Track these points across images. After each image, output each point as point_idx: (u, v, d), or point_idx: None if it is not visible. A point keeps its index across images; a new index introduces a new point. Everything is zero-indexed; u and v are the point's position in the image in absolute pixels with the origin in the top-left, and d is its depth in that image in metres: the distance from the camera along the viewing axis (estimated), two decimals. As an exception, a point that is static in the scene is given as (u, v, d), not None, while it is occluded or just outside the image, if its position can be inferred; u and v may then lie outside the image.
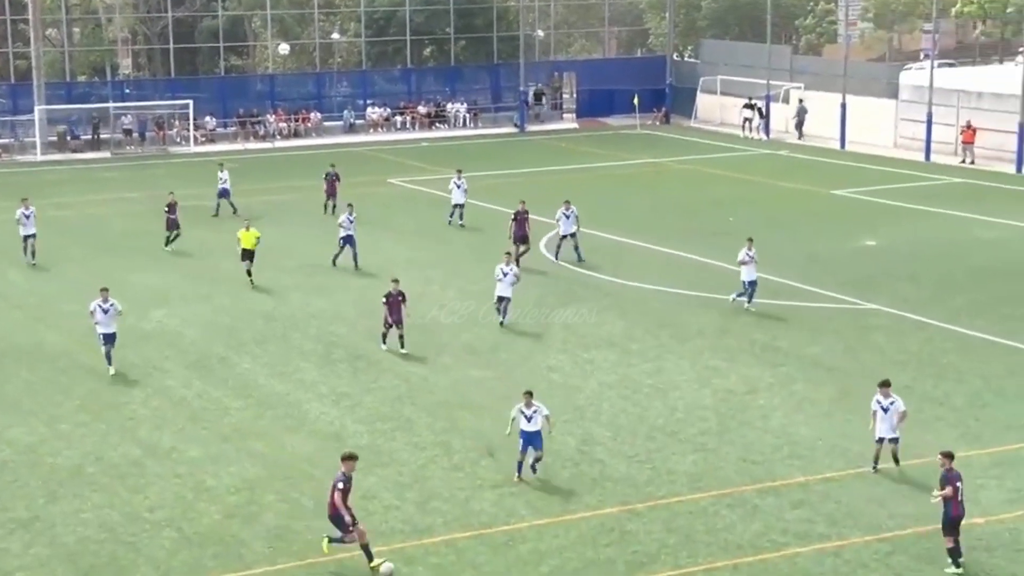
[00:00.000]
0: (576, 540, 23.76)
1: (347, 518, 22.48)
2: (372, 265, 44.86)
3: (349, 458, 23.07)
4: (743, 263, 38.50)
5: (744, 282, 38.61)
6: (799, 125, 79.06)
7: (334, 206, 54.90)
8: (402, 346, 35.05)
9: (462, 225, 52.36)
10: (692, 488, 25.93)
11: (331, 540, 22.93)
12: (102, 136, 78.04)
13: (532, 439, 26.26)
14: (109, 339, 33.70)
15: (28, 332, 37.42)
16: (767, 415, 30.00)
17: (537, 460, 26.45)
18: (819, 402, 30.88)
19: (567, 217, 45.58)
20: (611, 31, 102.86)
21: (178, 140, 78.89)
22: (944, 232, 50.43)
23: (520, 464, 26.41)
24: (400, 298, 35.10)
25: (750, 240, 38.72)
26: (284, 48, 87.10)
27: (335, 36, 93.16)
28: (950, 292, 40.79)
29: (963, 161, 67.45)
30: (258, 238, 42.79)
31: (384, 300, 35.29)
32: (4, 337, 36.82)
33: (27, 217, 46.28)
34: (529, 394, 26.51)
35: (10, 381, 32.97)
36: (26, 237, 46.28)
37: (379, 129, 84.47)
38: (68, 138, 77.47)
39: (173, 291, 42.25)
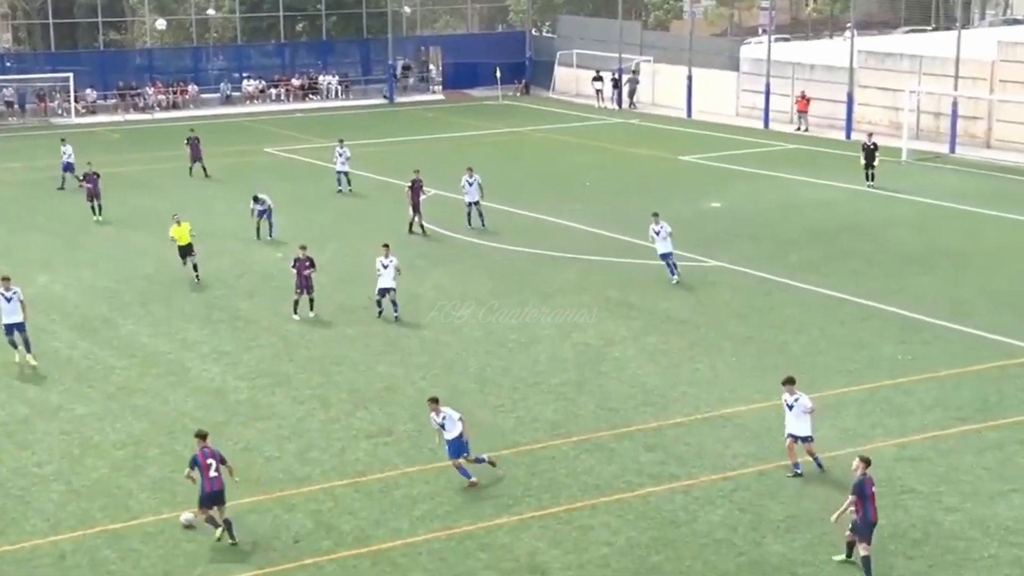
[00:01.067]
0: (446, 486, 23.77)
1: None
2: (248, 230, 44.23)
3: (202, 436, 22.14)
4: (655, 238, 37.09)
5: (660, 255, 37.21)
6: (631, 93, 79.72)
7: (203, 168, 54.78)
8: (311, 310, 34.62)
9: (351, 190, 52.03)
10: (553, 435, 26.09)
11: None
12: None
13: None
14: (14, 329, 30.70)
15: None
16: (622, 366, 30.26)
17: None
18: (670, 353, 31.21)
19: (470, 185, 44.60)
20: (473, 7, 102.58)
21: (59, 112, 77.20)
22: (781, 194, 51.21)
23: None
24: (308, 264, 34.56)
25: (656, 215, 37.63)
26: (161, 23, 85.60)
27: (211, 12, 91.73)
28: (787, 250, 41.45)
29: (798, 129, 68.48)
30: (191, 231, 38.47)
31: (292, 265, 34.78)
32: None
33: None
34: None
35: None
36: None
37: (255, 101, 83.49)
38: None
39: (56, 257, 41.41)
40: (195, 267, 38.12)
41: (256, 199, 43.64)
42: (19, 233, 44.94)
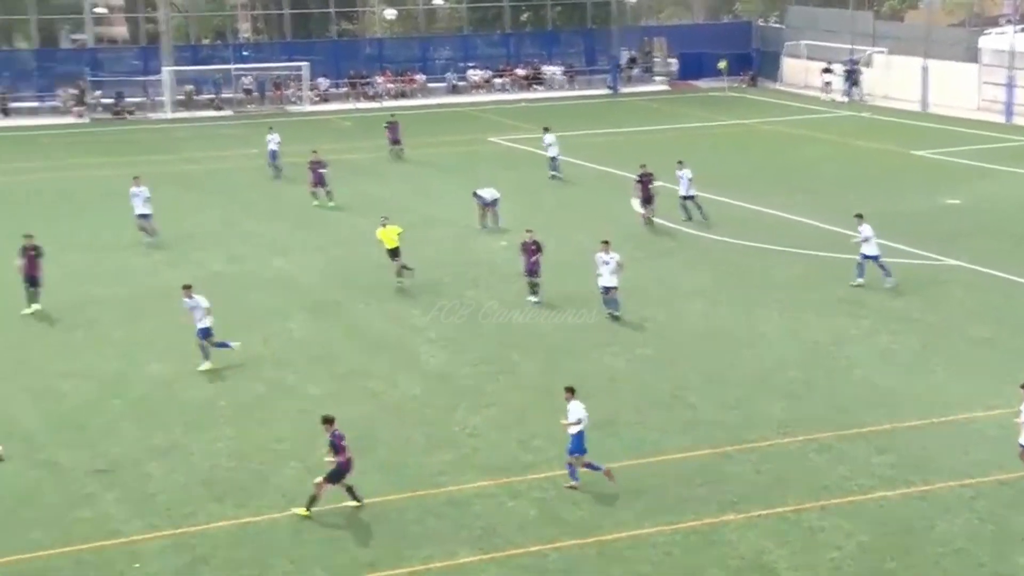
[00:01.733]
0: (670, 479, 23.73)
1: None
2: (474, 220, 44.85)
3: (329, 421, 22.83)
4: (865, 240, 35.73)
5: (864, 256, 35.83)
6: (854, 84, 77.92)
7: (400, 151, 56.95)
8: (534, 294, 34.97)
9: (559, 177, 52.35)
10: (780, 433, 25.76)
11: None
12: (224, 96, 78.70)
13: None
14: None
15: (162, 276, 37.88)
16: (852, 365, 29.70)
17: None
18: (902, 353, 30.53)
19: (681, 179, 44.30)
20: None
21: (294, 100, 79.48)
22: None
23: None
24: (535, 247, 34.97)
25: (859, 216, 36.43)
26: (391, 13, 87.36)
27: (438, 2, 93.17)
28: (1028, 249, 40.10)
29: (1044, 124, 66.13)
30: (400, 233, 37.37)
31: (522, 249, 35.19)
32: (142, 281, 37.42)
33: (137, 196, 42.00)
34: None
35: (148, 321, 33.52)
36: (140, 216, 42.19)
37: (480, 90, 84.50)
38: (195, 97, 78.23)
39: (291, 241, 42.64)
40: (401, 270, 36.85)
41: (476, 195, 44.13)
42: (256, 218, 46.44)
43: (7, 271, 35.28)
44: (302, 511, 22.10)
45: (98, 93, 75.63)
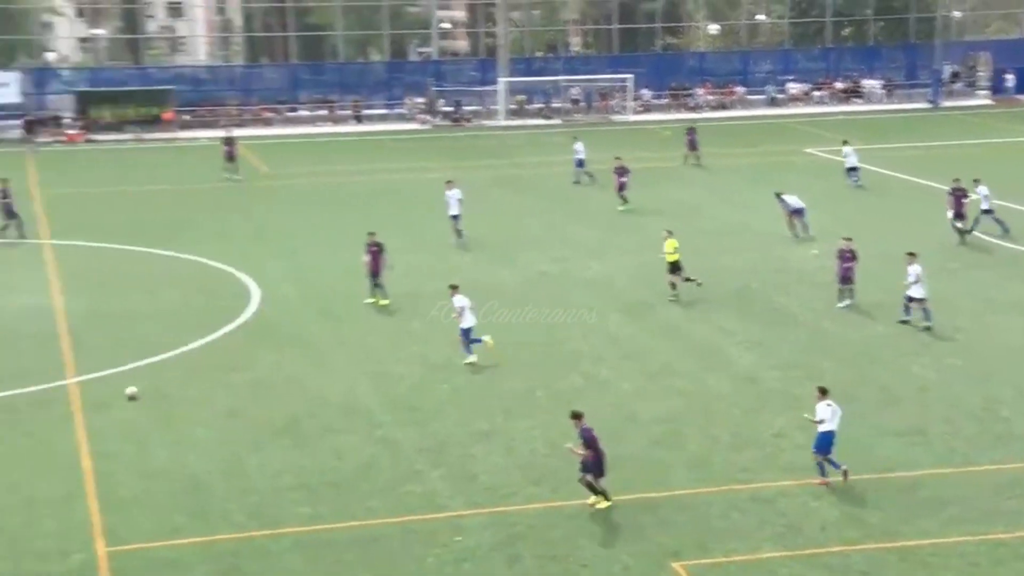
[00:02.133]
0: (978, 491, 22.83)
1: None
2: (785, 227, 44.24)
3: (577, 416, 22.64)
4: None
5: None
6: None
7: (697, 158, 56.48)
8: (844, 299, 34.48)
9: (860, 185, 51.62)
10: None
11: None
12: (553, 105, 80.00)
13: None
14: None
15: (486, 272, 38.84)
16: None
17: None
18: None
19: (980, 195, 42.64)
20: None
21: (618, 109, 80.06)
22: None
23: None
24: (849, 255, 34.20)
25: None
26: (715, 28, 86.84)
27: (761, 17, 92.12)
28: None
29: None
30: (676, 247, 36.14)
31: (837, 255, 34.64)
32: (474, 278, 38.26)
33: (451, 199, 42.49)
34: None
35: (479, 316, 34.32)
36: (452, 218, 42.63)
37: (798, 103, 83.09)
38: (526, 106, 79.88)
39: (606, 245, 42.98)
40: (680, 282, 35.80)
41: (780, 199, 43.47)
42: (579, 220, 47.03)
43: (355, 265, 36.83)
44: (598, 502, 22.20)
45: (440, 101, 78.16)
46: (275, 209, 49.52)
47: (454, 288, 31.01)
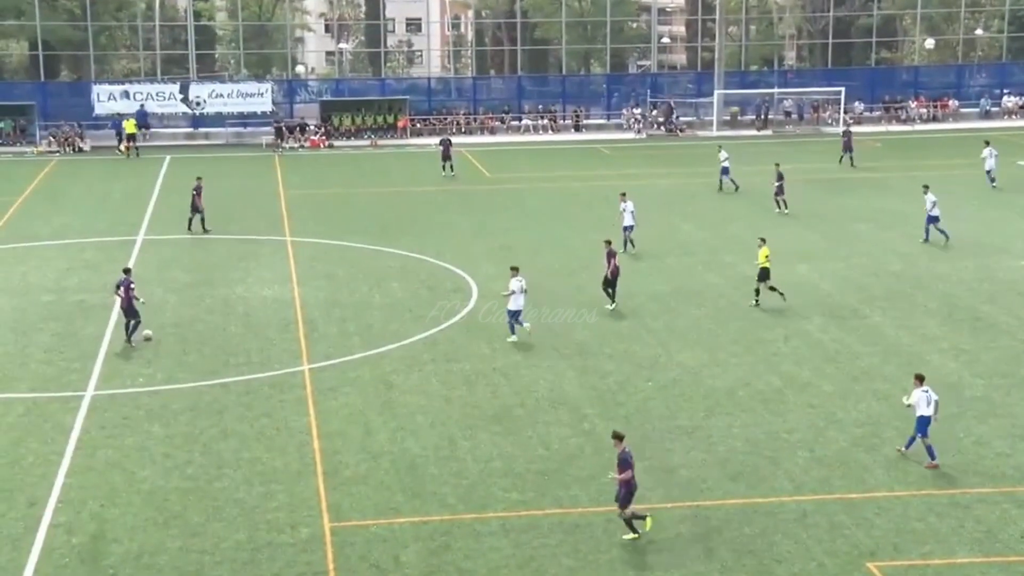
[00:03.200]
0: None
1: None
2: (995, 237, 42.54)
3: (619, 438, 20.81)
4: None
5: None
6: None
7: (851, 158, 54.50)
8: None
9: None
10: None
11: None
12: (767, 117, 78.58)
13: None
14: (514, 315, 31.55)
15: (696, 277, 38.38)
16: None
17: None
18: None
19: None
20: None
21: (829, 122, 78.11)
22: None
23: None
24: None
25: None
26: (930, 43, 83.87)
27: (979, 32, 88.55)
28: None
29: None
30: (767, 255, 34.68)
31: None
32: (677, 280, 38.05)
33: (625, 211, 41.26)
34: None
35: (682, 316, 34.01)
36: (625, 229, 41.35)
37: (1013, 116, 79.54)
38: (739, 118, 78.69)
39: (815, 249, 41.96)
40: (770, 289, 34.49)
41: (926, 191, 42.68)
42: (786, 226, 46.02)
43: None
44: (631, 536, 20.62)
45: (655, 112, 77.68)
46: (495, 211, 49.98)
47: (514, 270, 31.79)
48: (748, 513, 21.51)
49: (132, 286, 31.73)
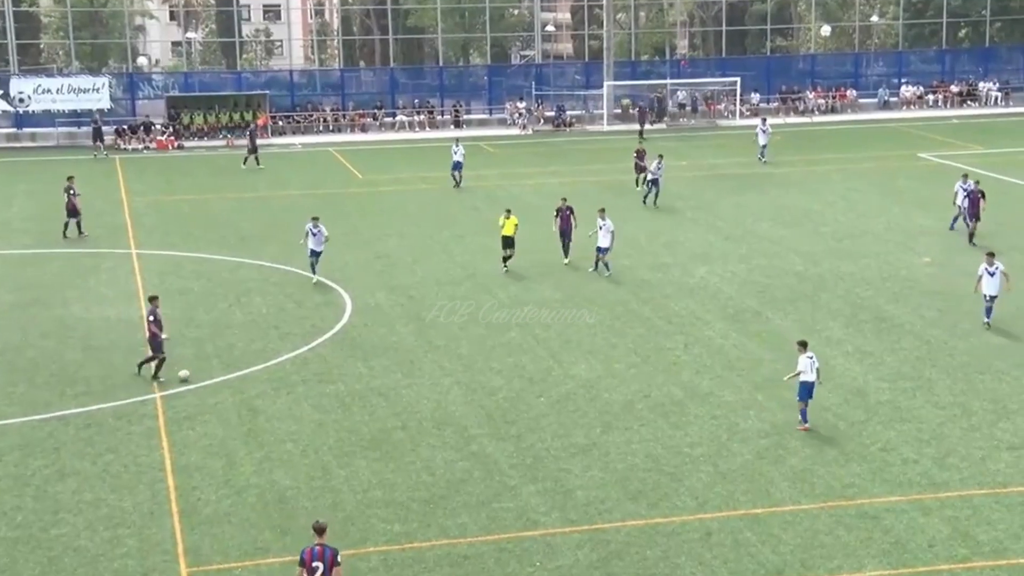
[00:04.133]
0: (1095, 507, 22.36)
1: None
2: (897, 234, 43.75)
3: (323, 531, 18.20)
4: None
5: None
6: None
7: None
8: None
9: None
10: None
11: None
12: (661, 110, 79.53)
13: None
14: (314, 254, 38.45)
15: (589, 283, 38.58)
16: None
17: None
18: None
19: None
20: None
21: (725, 114, 79.44)
22: None
23: None
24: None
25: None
26: (826, 30, 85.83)
27: (874, 19, 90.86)
28: None
29: None
30: (516, 225, 39.76)
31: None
32: (568, 287, 38.29)
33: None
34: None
35: (574, 324, 34.27)
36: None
37: (911, 107, 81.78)
38: (631, 111, 79.57)
39: (715, 250, 42.65)
40: (505, 259, 39.91)
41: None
42: (683, 226, 46.72)
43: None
44: None
45: (541, 107, 78.18)
46: (368, 217, 49.86)
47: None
48: (650, 534, 21.77)
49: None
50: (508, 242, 39.81)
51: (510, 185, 56.13)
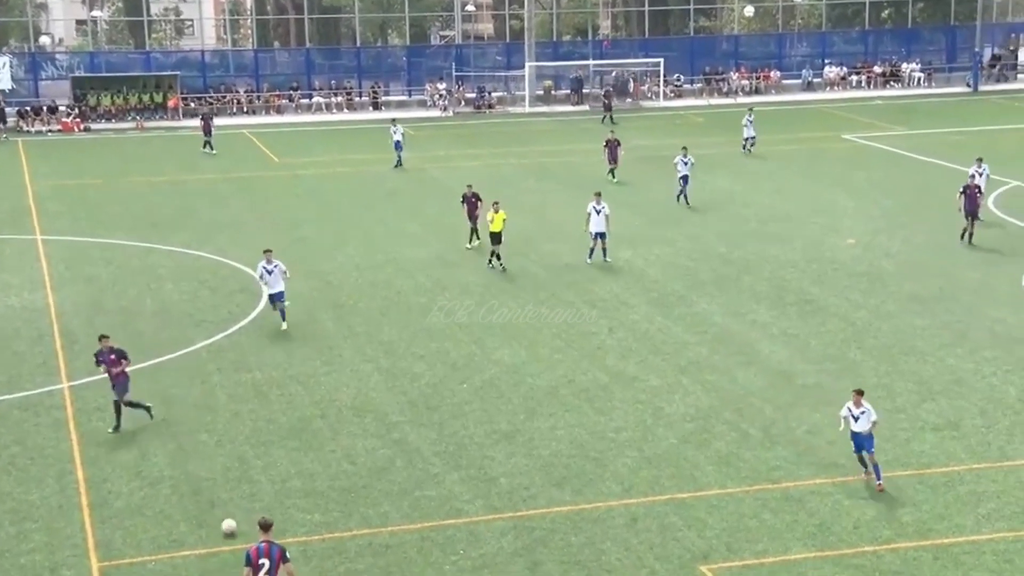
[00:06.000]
0: (1015, 485, 22.86)
1: None
2: (822, 216, 44.36)
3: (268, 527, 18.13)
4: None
5: None
6: None
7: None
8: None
9: None
10: None
11: None
12: (583, 91, 79.74)
13: (860, 440, 23.13)
14: (276, 297, 32.46)
15: (512, 267, 38.57)
16: None
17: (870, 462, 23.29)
18: None
19: (980, 175, 42.46)
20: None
21: (649, 95, 79.81)
22: None
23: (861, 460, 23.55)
24: None
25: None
26: (749, 10, 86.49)
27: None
28: None
29: None
30: (504, 220, 38.26)
31: None
32: (491, 272, 38.34)
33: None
34: (859, 393, 23.48)
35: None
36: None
37: (835, 87, 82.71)
38: (552, 92, 79.68)
39: (640, 233, 42.88)
40: (498, 256, 38.28)
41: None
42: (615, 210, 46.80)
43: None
44: None
45: (462, 88, 78.08)
46: (285, 201, 49.58)
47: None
48: (575, 521, 21.91)
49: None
50: (496, 238, 38.07)
51: (431, 168, 56.06)
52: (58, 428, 26.46)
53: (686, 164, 46.70)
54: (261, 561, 17.61)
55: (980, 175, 42.54)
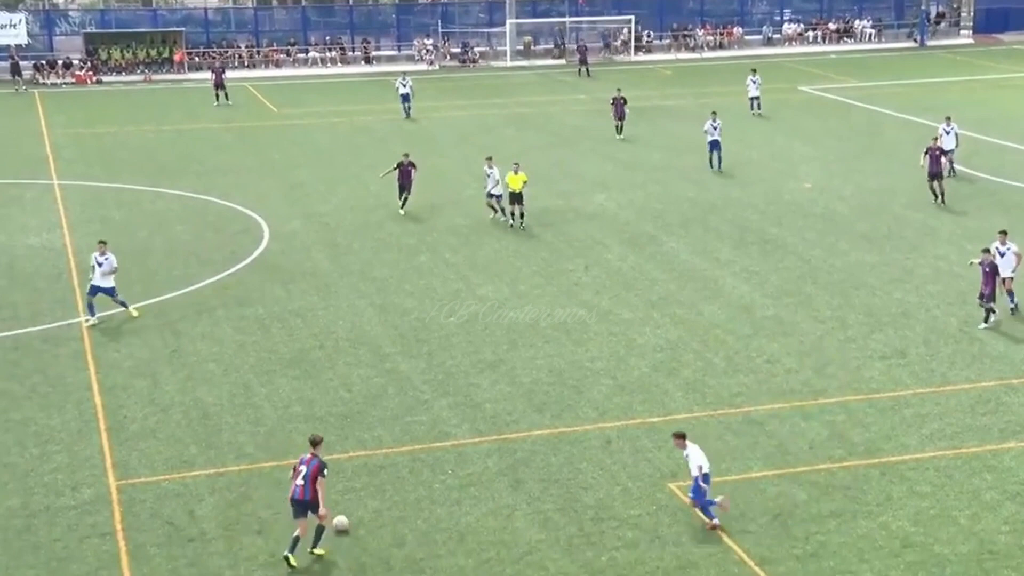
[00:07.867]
0: (955, 408, 23.10)
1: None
2: (781, 162, 44.30)
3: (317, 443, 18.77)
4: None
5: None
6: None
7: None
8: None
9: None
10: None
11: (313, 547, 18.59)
12: (563, 46, 78.93)
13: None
14: (106, 292, 28.44)
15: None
16: None
17: None
18: None
19: (947, 133, 40.25)
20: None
21: (621, 50, 79.29)
22: None
23: None
24: None
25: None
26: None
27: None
28: None
29: None
30: (525, 181, 36.37)
31: None
32: (476, 214, 38.24)
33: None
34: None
35: (482, 249, 34.31)
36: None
37: (793, 43, 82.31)
38: (532, 47, 79.04)
39: (612, 178, 42.77)
40: (522, 215, 36.19)
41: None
42: (583, 156, 46.78)
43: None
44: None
45: (447, 43, 77.46)
46: (283, 148, 49.24)
47: (102, 244, 29.02)
48: (554, 443, 22.00)
49: None
50: (516, 198, 36.05)
51: (420, 118, 55.67)
52: (76, 358, 26.40)
53: (715, 129, 43.16)
54: (300, 467, 18.43)
55: (947, 134, 40.16)
